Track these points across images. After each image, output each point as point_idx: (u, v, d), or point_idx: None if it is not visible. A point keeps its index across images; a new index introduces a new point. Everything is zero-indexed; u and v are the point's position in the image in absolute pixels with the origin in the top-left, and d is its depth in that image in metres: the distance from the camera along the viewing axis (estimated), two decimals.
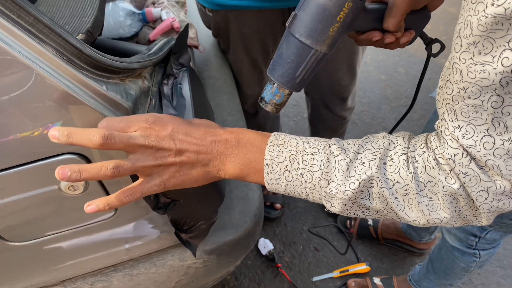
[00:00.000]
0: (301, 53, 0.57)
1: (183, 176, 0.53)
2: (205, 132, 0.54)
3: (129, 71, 0.59)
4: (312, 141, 0.53)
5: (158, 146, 0.51)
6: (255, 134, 0.55)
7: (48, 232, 0.69)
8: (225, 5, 1.02)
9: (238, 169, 0.54)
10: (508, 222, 0.90)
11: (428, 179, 0.46)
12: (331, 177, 0.49)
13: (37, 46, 0.49)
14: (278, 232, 1.66)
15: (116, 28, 1.00)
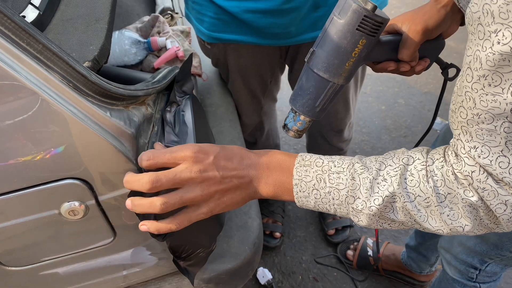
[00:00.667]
0: (319, 86, 0.61)
1: (227, 201, 0.56)
2: (241, 157, 0.57)
3: (133, 98, 0.60)
4: (337, 160, 0.56)
5: (203, 177, 0.53)
6: (283, 156, 0.58)
7: (46, 257, 0.68)
8: (223, 39, 1.04)
9: (271, 189, 0.57)
10: (509, 254, 0.90)
11: (448, 191, 0.48)
12: (356, 194, 0.53)
13: (44, 73, 0.50)
14: (277, 261, 1.64)
15: (121, 56, 1.02)
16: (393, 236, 1.66)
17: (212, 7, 0.99)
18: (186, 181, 0.53)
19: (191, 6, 1.06)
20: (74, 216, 0.61)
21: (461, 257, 0.98)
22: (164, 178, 0.52)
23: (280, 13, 0.95)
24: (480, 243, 0.92)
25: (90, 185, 0.59)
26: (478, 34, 0.40)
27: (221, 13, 0.99)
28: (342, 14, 0.57)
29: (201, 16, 1.04)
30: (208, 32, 1.05)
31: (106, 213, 0.64)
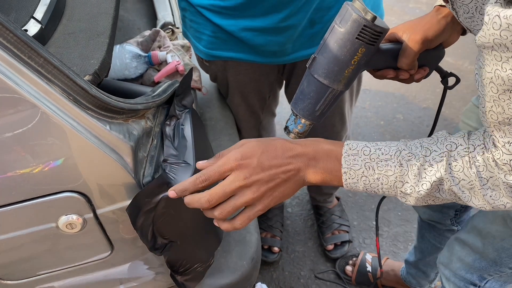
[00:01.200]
0: (319, 91, 0.64)
1: (279, 194, 0.59)
2: (284, 151, 0.59)
3: (133, 112, 0.60)
4: (383, 147, 0.59)
5: (251, 181, 0.56)
6: (329, 145, 0.61)
7: (43, 271, 0.68)
8: (221, 57, 1.05)
9: (320, 177, 0.60)
10: (508, 271, 0.89)
11: (490, 175, 0.53)
12: (405, 179, 0.56)
13: (45, 86, 0.50)
14: (275, 276, 1.62)
15: (122, 69, 1.02)
16: (392, 252, 1.65)
17: (210, 25, 1.00)
18: (236, 190, 0.57)
19: (188, 25, 1.07)
20: (71, 229, 0.61)
21: (460, 273, 0.97)
22: (216, 195, 0.56)
23: (277, 31, 0.96)
24: (479, 259, 0.91)
25: (88, 198, 0.59)
26: (495, 57, 0.43)
27: (218, 31, 1.00)
28: (343, 23, 0.59)
29: (199, 34, 1.04)
30: (206, 50, 1.05)
31: (104, 226, 0.64)
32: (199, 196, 0.57)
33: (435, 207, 1.09)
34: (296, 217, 1.80)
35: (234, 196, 0.57)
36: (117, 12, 0.73)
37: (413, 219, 1.72)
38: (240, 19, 0.95)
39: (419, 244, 1.29)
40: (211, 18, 0.97)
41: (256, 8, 0.92)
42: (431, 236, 1.21)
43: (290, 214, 1.81)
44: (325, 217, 1.66)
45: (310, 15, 0.93)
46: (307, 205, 1.82)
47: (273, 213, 1.68)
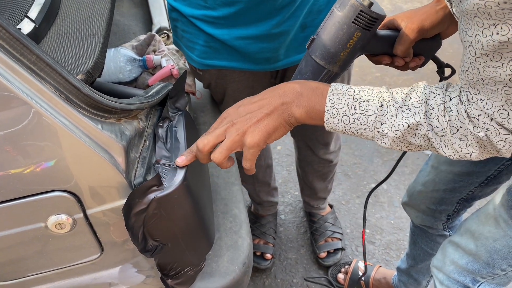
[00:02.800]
0: (316, 71, 0.66)
1: (264, 128, 0.61)
2: (269, 89, 0.63)
3: (125, 112, 0.60)
4: (366, 89, 0.61)
5: (235, 122, 0.61)
6: (315, 83, 0.63)
7: (31, 272, 0.67)
8: (215, 65, 1.05)
9: (304, 111, 0.62)
10: (500, 273, 0.89)
11: (460, 125, 0.56)
12: (383, 119, 0.59)
13: (37, 84, 0.50)
14: (267, 283, 1.61)
15: (116, 72, 1.02)
16: (385, 260, 1.65)
17: (202, 35, 1.00)
18: (224, 132, 0.61)
19: (180, 35, 1.06)
20: (61, 229, 0.60)
21: (453, 276, 0.97)
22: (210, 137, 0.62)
23: (270, 38, 0.96)
24: (472, 261, 0.92)
25: (79, 198, 0.58)
26: (477, 22, 0.46)
27: (211, 41, 1.00)
28: (341, 7, 0.62)
29: (191, 44, 1.04)
30: (199, 60, 1.05)
31: (94, 227, 0.63)
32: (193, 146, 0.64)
33: (428, 211, 1.10)
34: (289, 224, 1.79)
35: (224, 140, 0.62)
36: (112, 14, 0.73)
37: (405, 227, 1.72)
38: (233, 28, 0.96)
39: (411, 250, 1.29)
40: (203, 28, 0.97)
41: (249, 16, 0.92)
42: (423, 242, 1.21)
43: (283, 221, 1.81)
44: (318, 224, 1.66)
45: (301, 19, 0.94)
46: (300, 212, 1.82)
47: (266, 220, 1.67)
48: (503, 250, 0.85)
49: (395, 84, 2.66)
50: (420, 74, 2.73)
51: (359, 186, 1.97)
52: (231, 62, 1.03)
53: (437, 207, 1.07)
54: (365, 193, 1.88)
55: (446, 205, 1.06)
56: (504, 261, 0.87)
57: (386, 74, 2.81)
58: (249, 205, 1.76)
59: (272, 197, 1.64)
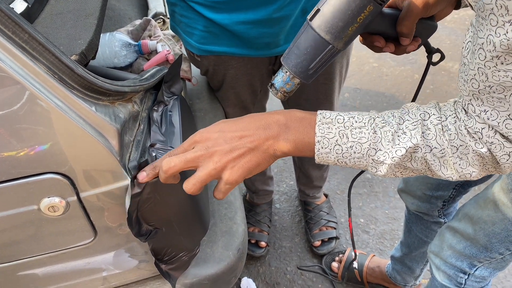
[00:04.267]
0: (318, 47, 0.60)
1: (246, 165, 0.57)
2: (251, 120, 0.58)
3: (119, 94, 0.59)
4: (356, 116, 0.59)
5: (212, 151, 0.56)
6: (302, 113, 0.60)
7: (24, 255, 0.67)
8: (214, 51, 1.04)
9: (292, 146, 0.58)
10: (498, 257, 0.90)
11: (460, 143, 0.54)
12: (378, 146, 0.57)
13: (29, 63, 0.49)
14: (261, 271, 1.62)
15: (111, 57, 1.01)
16: (379, 249, 1.66)
17: (202, 20, 0.98)
18: (197, 159, 0.56)
19: (178, 19, 1.05)
20: (54, 212, 0.60)
21: (450, 261, 0.98)
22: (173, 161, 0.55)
23: (270, 22, 0.95)
24: (470, 246, 0.92)
25: (72, 181, 0.58)
26: (490, 21, 0.44)
27: (210, 26, 0.98)
28: None
29: (190, 29, 1.03)
30: (198, 45, 1.04)
31: (87, 211, 0.63)
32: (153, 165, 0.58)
33: (424, 198, 1.10)
34: (284, 213, 1.80)
35: (198, 168, 0.57)
36: None
37: (400, 217, 1.73)
38: (233, 13, 0.94)
39: (406, 238, 1.29)
40: (203, 12, 0.96)
41: (249, 0, 0.91)
42: (418, 229, 1.21)
43: (278, 209, 1.81)
44: (313, 213, 1.67)
45: (303, 4, 0.93)
46: (295, 201, 1.82)
47: (261, 208, 1.68)
48: (502, 233, 0.85)
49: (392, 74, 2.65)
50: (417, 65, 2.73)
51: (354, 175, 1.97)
52: (231, 47, 1.02)
53: (433, 193, 1.07)
54: (360, 183, 1.89)
55: (442, 191, 1.06)
56: (502, 245, 0.87)
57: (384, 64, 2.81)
58: (244, 193, 1.76)
59: (268, 186, 1.65)
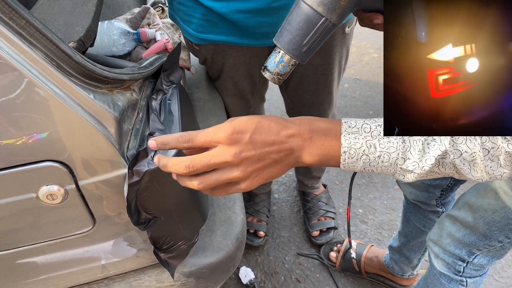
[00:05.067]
0: (311, 20, 0.58)
1: (266, 175, 0.56)
2: (279, 129, 0.56)
3: (118, 82, 0.59)
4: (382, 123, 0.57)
5: (240, 158, 0.53)
6: (326, 123, 0.58)
7: (22, 243, 0.67)
8: (211, 40, 1.03)
9: (316, 158, 0.57)
10: (497, 245, 0.90)
11: (492, 146, 0.53)
12: (407, 155, 0.55)
13: (27, 50, 0.49)
14: (260, 261, 1.63)
15: (110, 46, 1.00)
16: (377, 240, 1.66)
17: (200, 8, 0.97)
18: (222, 165, 0.53)
19: (176, 8, 1.04)
20: (52, 200, 0.59)
21: (449, 249, 0.98)
22: (199, 164, 0.53)
23: (269, 12, 0.94)
24: (469, 234, 0.93)
25: (70, 169, 0.58)
26: None
27: (209, 14, 0.97)
28: None
29: (188, 17, 1.02)
30: (196, 34, 1.03)
31: (86, 199, 0.63)
32: (180, 159, 0.54)
33: (422, 187, 1.10)
34: (282, 203, 1.80)
35: (219, 170, 0.54)
36: None
37: (398, 208, 1.73)
38: (231, 1, 0.93)
39: (404, 228, 1.30)
40: (201, 0, 0.95)
41: None
42: (416, 219, 1.22)
43: (276, 200, 1.81)
44: (311, 203, 1.67)
45: None
46: (293, 191, 1.82)
47: (260, 198, 1.68)
48: (502, 221, 0.85)
49: None
50: None
51: None
52: (229, 36, 1.01)
53: (431, 181, 1.08)
54: (359, 174, 1.89)
55: (440, 180, 1.07)
56: (502, 233, 0.88)
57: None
58: None
59: None
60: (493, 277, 1.55)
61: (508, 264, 1.58)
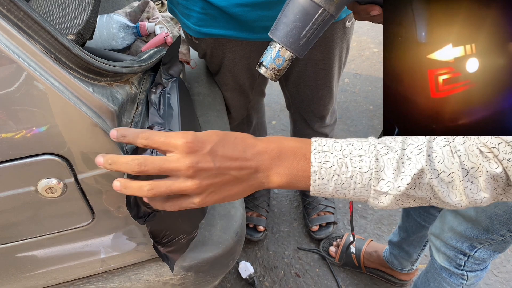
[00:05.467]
0: (308, 11, 0.55)
1: (224, 193, 0.53)
2: (245, 146, 0.53)
3: (117, 75, 0.58)
4: (354, 142, 0.54)
5: (196, 170, 0.50)
6: (296, 142, 0.55)
7: (22, 237, 0.66)
8: (211, 34, 1.03)
9: (285, 179, 0.54)
10: (499, 238, 0.90)
11: (471, 165, 0.49)
12: (381, 176, 0.51)
13: (25, 42, 0.48)
14: (259, 255, 1.63)
15: (109, 39, 1.00)
16: (376, 235, 1.67)
17: (199, 2, 0.97)
18: (175, 172, 0.50)
19: (175, 1, 1.03)
20: (51, 194, 0.59)
21: (450, 243, 0.99)
22: (151, 164, 0.50)
23: (269, 5, 0.94)
24: (471, 227, 0.93)
25: (69, 162, 0.57)
26: None
27: (208, 8, 0.97)
28: None
29: (187, 11, 1.02)
30: (196, 28, 1.03)
31: (85, 193, 0.62)
32: (129, 157, 0.50)
33: None
34: (282, 198, 1.80)
35: (172, 177, 0.51)
36: None
37: None
38: None
39: (404, 223, 1.30)
40: None
41: None
42: (416, 213, 1.22)
43: (276, 194, 1.81)
44: (311, 198, 1.67)
45: None
46: None
47: (260, 193, 1.68)
48: (504, 215, 0.86)
49: None
50: None
51: None
52: (228, 30, 1.01)
53: None
54: None
55: None
56: (504, 226, 0.88)
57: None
58: None
59: None
60: (492, 272, 1.56)
61: (507, 259, 1.58)
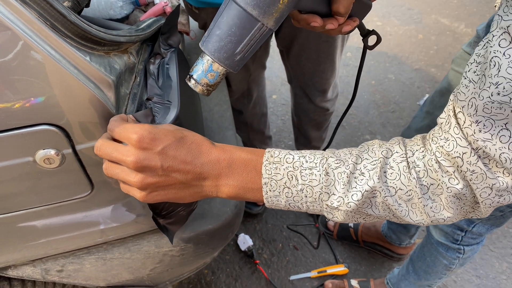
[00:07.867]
0: (245, 26, 0.49)
1: (169, 195, 0.53)
2: (199, 151, 0.52)
3: (114, 44, 0.57)
4: (308, 154, 0.52)
5: (141, 166, 0.50)
6: (248, 153, 0.54)
7: (22, 207, 0.67)
8: (211, 3, 1.00)
9: (234, 191, 0.53)
10: (497, 214, 0.91)
11: (431, 182, 0.47)
12: (331, 190, 0.50)
13: (20, 8, 0.47)
14: (258, 228, 1.65)
15: (107, 8, 0.98)
16: None
17: None
18: (122, 162, 0.50)
19: None
20: (49, 164, 0.59)
21: None
22: (104, 150, 0.51)
23: None
24: None
25: (67, 133, 0.57)
26: None
27: None
28: None
29: None
30: None
31: (83, 164, 0.62)
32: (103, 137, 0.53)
33: None
34: None
35: (121, 166, 0.51)
36: None
37: None
38: None
39: None
40: None
41: None
42: None
43: None
44: None
45: None
46: None
47: None
48: None
49: (396, 34, 2.59)
50: (422, 24, 2.66)
51: (353, 137, 1.97)
52: None
53: None
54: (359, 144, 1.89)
55: None
56: None
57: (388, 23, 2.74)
58: None
59: (266, 145, 1.64)
60: (488, 248, 1.57)
61: (503, 235, 1.60)
